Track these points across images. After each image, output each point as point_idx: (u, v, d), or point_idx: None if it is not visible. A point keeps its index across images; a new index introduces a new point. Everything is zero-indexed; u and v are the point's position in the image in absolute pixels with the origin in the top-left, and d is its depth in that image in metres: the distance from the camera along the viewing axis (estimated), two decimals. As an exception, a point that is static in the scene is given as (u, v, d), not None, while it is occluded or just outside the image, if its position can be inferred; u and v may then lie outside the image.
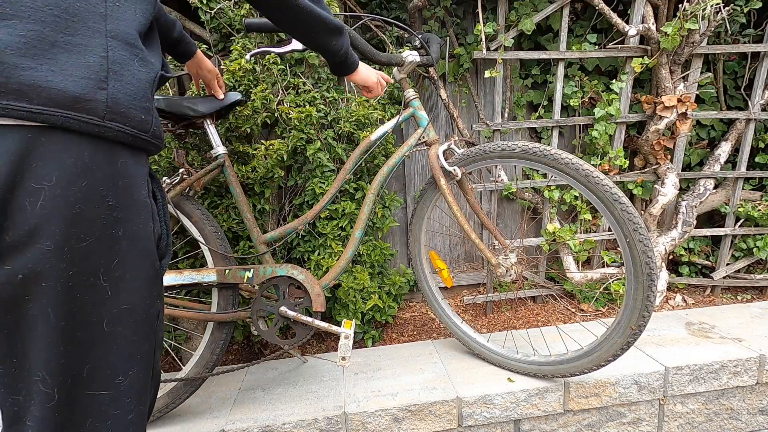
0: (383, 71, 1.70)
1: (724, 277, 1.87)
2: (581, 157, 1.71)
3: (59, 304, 0.53)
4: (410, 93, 1.31)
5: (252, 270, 1.25)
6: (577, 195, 1.76)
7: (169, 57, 1.42)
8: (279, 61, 1.48)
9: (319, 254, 1.55)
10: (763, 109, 1.75)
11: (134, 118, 0.57)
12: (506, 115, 1.80)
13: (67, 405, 0.55)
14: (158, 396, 1.26)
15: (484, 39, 1.62)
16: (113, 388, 0.58)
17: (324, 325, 1.22)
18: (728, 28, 1.74)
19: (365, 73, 1.13)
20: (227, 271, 1.25)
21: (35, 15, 0.50)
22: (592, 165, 1.56)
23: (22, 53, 0.49)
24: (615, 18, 1.63)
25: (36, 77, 0.49)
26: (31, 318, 0.52)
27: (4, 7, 0.49)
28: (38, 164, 0.50)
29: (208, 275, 1.24)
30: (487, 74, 1.64)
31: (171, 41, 1.08)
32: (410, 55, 1.26)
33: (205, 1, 1.47)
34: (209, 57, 1.55)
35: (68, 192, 0.51)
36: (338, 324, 1.26)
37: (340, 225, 1.56)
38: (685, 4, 1.55)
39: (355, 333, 1.66)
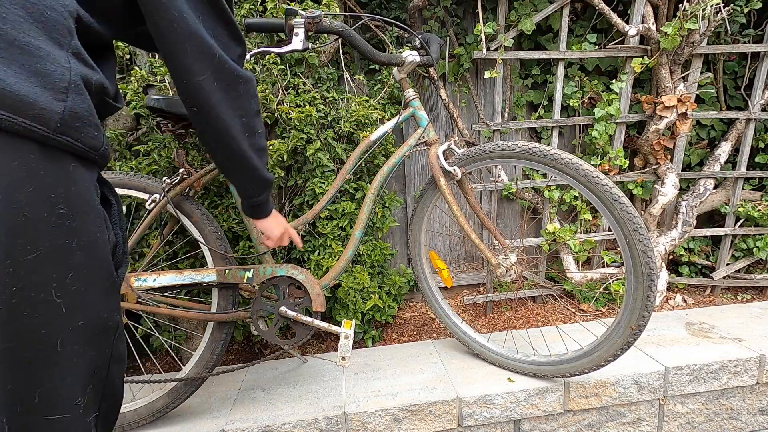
0: (383, 71, 1.71)
1: (724, 277, 1.87)
2: (581, 157, 1.70)
3: (2, 324, 0.47)
4: (410, 93, 1.31)
5: (252, 270, 1.25)
6: (577, 195, 1.76)
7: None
8: (279, 61, 1.48)
9: (319, 254, 1.55)
10: (763, 109, 1.75)
11: (87, 135, 0.53)
12: (506, 115, 1.80)
13: None
14: (158, 396, 1.25)
15: (484, 39, 1.62)
16: (72, 411, 0.53)
17: (324, 325, 1.22)
18: (728, 28, 1.74)
19: (269, 223, 1.03)
20: (227, 271, 1.25)
21: None
22: (592, 165, 1.56)
23: None
24: (615, 18, 1.63)
25: None
26: None
27: None
28: None
29: (208, 275, 1.24)
30: (486, 75, 1.64)
31: None
32: (410, 55, 1.26)
33: (205, 1, 1.47)
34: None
35: (12, 198, 0.46)
36: (338, 324, 1.26)
37: (340, 225, 1.56)
38: (685, 4, 1.55)
39: (355, 333, 1.66)
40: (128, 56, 1.58)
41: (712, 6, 1.53)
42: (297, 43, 1.12)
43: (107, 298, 0.57)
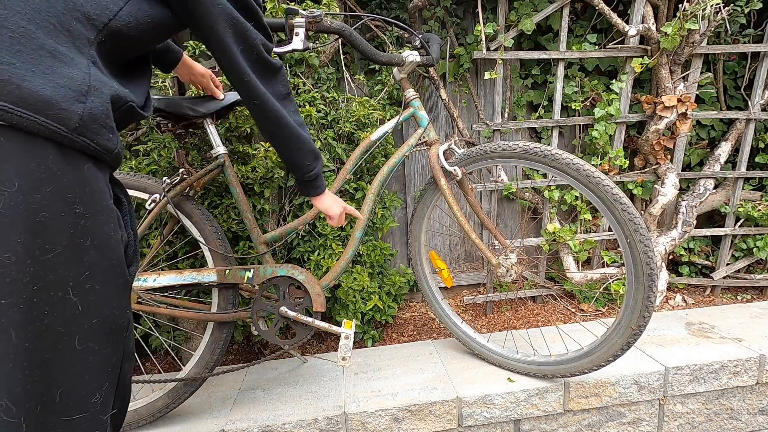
0: (383, 71, 1.71)
1: (724, 277, 1.87)
2: (581, 157, 1.70)
3: (22, 323, 0.48)
4: (410, 93, 1.31)
5: (252, 270, 1.25)
6: (578, 195, 1.76)
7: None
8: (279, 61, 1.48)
9: (319, 254, 1.55)
10: (763, 109, 1.75)
11: (102, 137, 0.55)
12: (506, 115, 1.80)
13: None
14: (158, 396, 1.25)
15: (484, 39, 1.62)
16: (90, 409, 0.54)
17: (324, 325, 1.22)
18: (728, 28, 1.74)
19: (328, 202, 1.09)
20: (227, 271, 1.25)
21: (29, 14, 0.49)
22: (593, 165, 1.56)
23: (5, 45, 0.46)
24: (615, 18, 1.63)
25: (12, 73, 0.46)
26: None
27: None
28: None
29: (208, 275, 1.24)
30: (486, 76, 1.64)
31: (157, 51, 1.05)
32: (410, 55, 1.26)
33: (205, 1, 1.46)
34: (209, 57, 1.55)
35: (31, 198, 0.47)
36: (338, 324, 1.26)
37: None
38: (685, 4, 1.55)
39: (355, 333, 1.66)
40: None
41: (712, 6, 1.53)
42: (297, 42, 1.12)
43: (119, 296, 0.58)
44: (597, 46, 1.73)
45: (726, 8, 1.60)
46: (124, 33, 0.59)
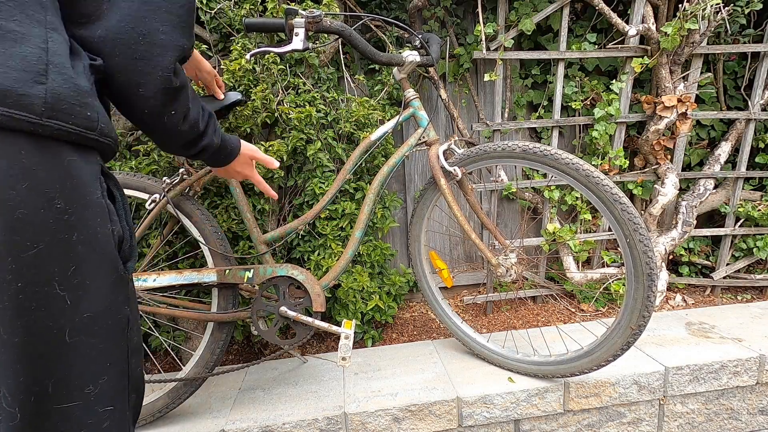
0: (383, 71, 1.71)
1: (724, 277, 1.87)
2: (581, 157, 1.71)
3: (9, 319, 0.48)
4: (410, 93, 1.31)
5: (252, 270, 1.25)
6: (578, 195, 1.76)
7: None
8: (279, 61, 1.48)
9: (319, 254, 1.55)
10: (763, 109, 1.75)
11: (78, 115, 0.51)
12: (506, 115, 1.80)
13: (33, 423, 0.52)
14: (158, 396, 1.25)
15: (484, 39, 1.62)
16: (84, 399, 0.55)
17: (324, 325, 1.22)
18: (728, 28, 1.74)
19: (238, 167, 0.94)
20: (227, 271, 1.25)
21: None
22: (593, 165, 1.56)
23: None
24: (615, 18, 1.62)
25: None
26: None
27: None
28: None
29: (208, 275, 1.24)
30: (486, 77, 1.64)
31: None
32: (410, 55, 1.26)
33: (205, 1, 1.47)
34: (209, 57, 1.55)
35: (5, 196, 0.46)
36: (338, 324, 1.26)
37: (340, 225, 1.56)
38: (685, 4, 1.55)
39: (355, 333, 1.66)
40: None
41: (712, 6, 1.53)
42: (297, 42, 1.12)
43: (114, 291, 0.57)
44: (597, 46, 1.73)
45: (726, 8, 1.60)
46: None
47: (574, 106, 1.73)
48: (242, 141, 0.93)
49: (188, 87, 0.68)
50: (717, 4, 1.54)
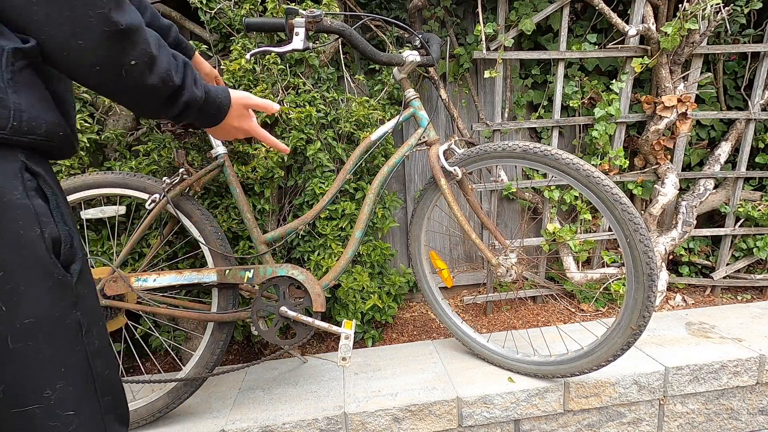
0: (383, 71, 1.71)
1: (724, 277, 1.87)
2: (581, 157, 1.71)
3: None
4: (410, 93, 1.31)
5: (252, 270, 1.25)
6: (578, 195, 1.76)
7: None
8: (279, 61, 1.48)
9: (319, 254, 1.55)
10: (763, 109, 1.75)
11: None
12: (506, 115, 1.80)
13: None
14: (158, 396, 1.25)
15: (484, 39, 1.62)
16: (44, 402, 0.53)
17: (324, 325, 1.22)
18: (728, 28, 1.74)
19: (234, 123, 0.83)
20: (227, 271, 1.25)
21: None
22: (592, 165, 1.56)
23: None
24: (615, 18, 1.63)
25: None
26: None
27: None
28: None
29: (208, 275, 1.24)
30: (486, 74, 1.64)
31: (168, 46, 1.02)
32: (410, 55, 1.26)
33: (205, 1, 1.47)
34: (209, 57, 1.55)
35: None
36: (338, 324, 1.26)
37: (340, 225, 1.56)
38: (685, 4, 1.55)
39: (355, 333, 1.66)
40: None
41: (712, 6, 1.53)
42: (297, 42, 1.12)
43: (54, 296, 0.54)
44: (597, 46, 1.73)
45: (726, 8, 1.60)
46: None
47: (573, 105, 1.73)
48: (231, 90, 0.81)
49: (145, 30, 0.58)
50: (717, 4, 1.54)
